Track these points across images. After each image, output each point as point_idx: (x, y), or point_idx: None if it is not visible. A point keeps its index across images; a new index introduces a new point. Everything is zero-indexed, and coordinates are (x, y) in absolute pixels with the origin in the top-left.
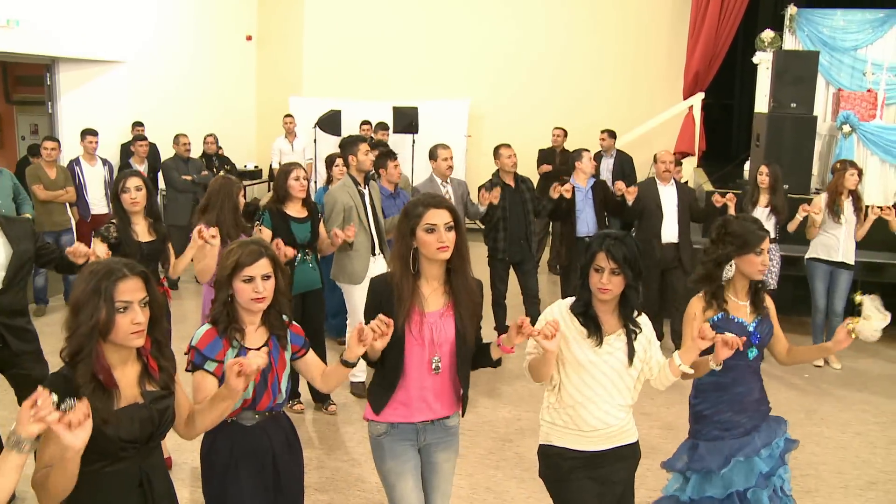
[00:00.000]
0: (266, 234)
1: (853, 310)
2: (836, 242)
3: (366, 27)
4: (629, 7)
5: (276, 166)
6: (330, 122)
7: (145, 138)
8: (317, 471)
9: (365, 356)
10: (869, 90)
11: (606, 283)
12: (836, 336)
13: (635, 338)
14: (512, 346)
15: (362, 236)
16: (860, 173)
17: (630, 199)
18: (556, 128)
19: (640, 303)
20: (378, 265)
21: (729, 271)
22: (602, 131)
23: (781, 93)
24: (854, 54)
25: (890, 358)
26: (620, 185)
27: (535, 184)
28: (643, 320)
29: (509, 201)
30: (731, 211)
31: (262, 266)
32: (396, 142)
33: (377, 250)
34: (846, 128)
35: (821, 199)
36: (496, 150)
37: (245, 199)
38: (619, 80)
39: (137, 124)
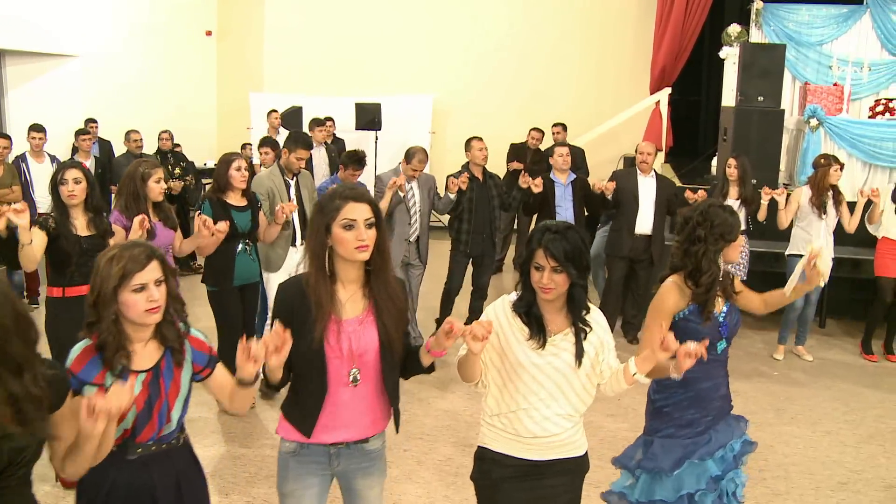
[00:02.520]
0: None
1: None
2: (817, 237)
3: (328, 21)
4: (595, 2)
5: (256, 162)
6: (292, 119)
7: (89, 132)
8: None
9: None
10: (835, 84)
11: (547, 281)
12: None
13: (585, 337)
14: (442, 350)
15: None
16: (841, 168)
17: (609, 194)
18: (534, 129)
19: (603, 294)
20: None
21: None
22: (554, 125)
23: (748, 86)
24: (819, 49)
25: (857, 351)
26: (598, 183)
27: (503, 179)
28: (595, 318)
29: (476, 194)
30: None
31: (153, 270)
32: (359, 139)
33: (298, 241)
34: (813, 122)
35: (799, 193)
36: (468, 142)
37: (184, 188)
38: (585, 75)
39: (90, 121)
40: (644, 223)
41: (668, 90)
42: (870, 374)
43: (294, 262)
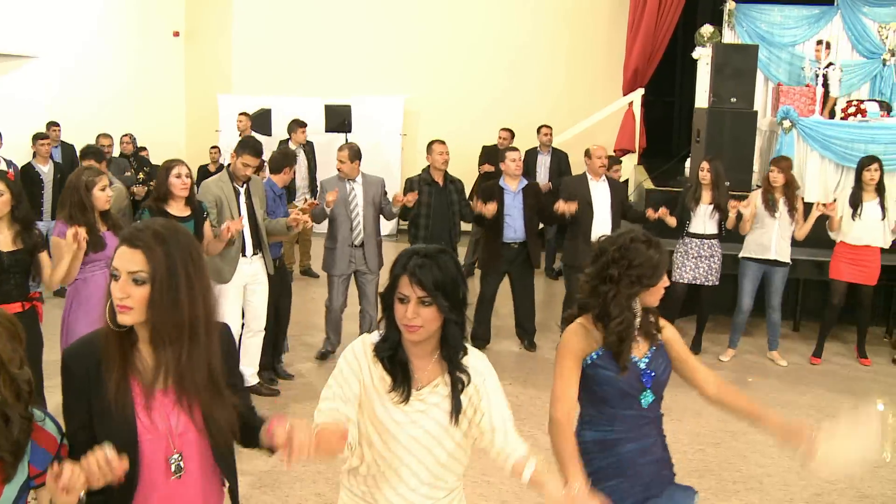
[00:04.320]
0: None
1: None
2: (769, 240)
3: (297, 21)
4: (567, 3)
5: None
6: (260, 121)
7: (48, 137)
8: None
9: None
10: (808, 85)
11: (413, 317)
12: (800, 431)
13: (462, 389)
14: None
15: None
16: (789, 167)
17: (569, 216)
18: (503, 129)
19: (563, 308)
20: (253, 267)
21: (636, 308)
22: (545, 126)
23: (721, 87)
24: (792, 50)
25: (834, 356)
26: (560, 205)
27: (474, 181)
28: (475, 365)
29: (435, 200)
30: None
31: None
32: (329, 141)
33: (249, 251)
34: (786, 123)
35: (756, 195)
36: (429, 145)
37: (147, 193)
38: (558, 76)
39: (52, 124)
40: (601, 229)
41: (641, 91)
42: (844, 379)
43: (245, 272)
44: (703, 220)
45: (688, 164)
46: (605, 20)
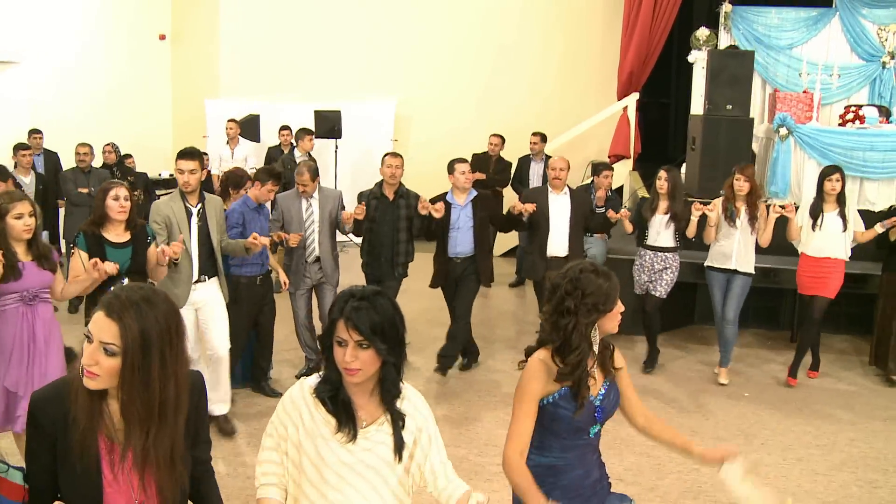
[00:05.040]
0: (83, 258)
1: None
2: (730, 250)
3: (286, 25)
4: (561, 6)
5: (215, 172)
6: (249, 127)
7: (29, 148)
8: None
9: None
10: (805, 91)
11: (351, 360)
12: (708, 452)
13: (403, 426)
14: None
15: (184, 259)
16: (753, 174)
17: (526, 216)
18: (493, 135)
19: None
20: (203, 293)
21: (595, 339)
22: (533, 134)
23: (717, 94)
24: (789, 53)
25: (832, 372)
26: (517, 204)
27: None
28: (415, 403)
29: (379, 215)
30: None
31: None
32: (319, 148)
33: (195, 275)
34: (783, 130)
35: (718, 204)
36: (383, 158)
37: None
38: (551, 79)
39: (35, 131)
40: (557, 245)
41: (636, 95)
42: (842, 395)
43: (194, 298)
44: (659, 230)
45: (683, 170)
46: (599, 23)
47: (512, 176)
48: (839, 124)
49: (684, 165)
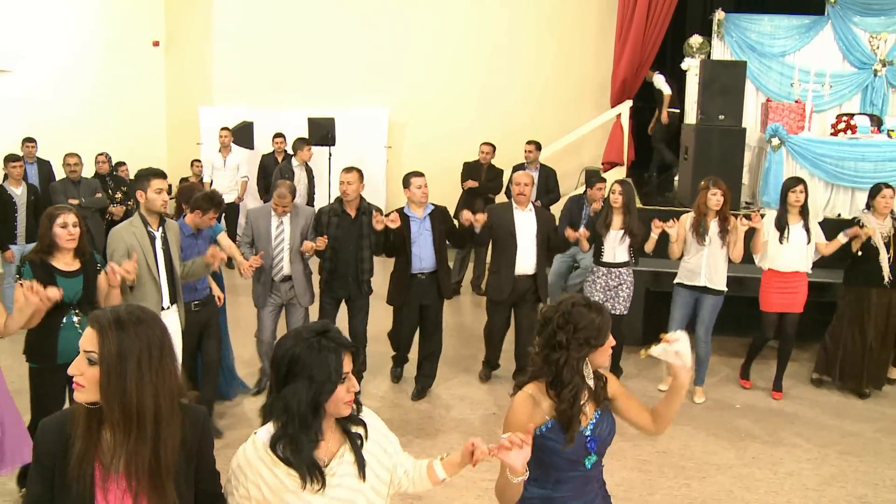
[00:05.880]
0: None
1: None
2: (699, 266)
3: (280, 32)
4: (553, 13)
5: (207, 180)
6: (242, 134)
7: (19, 159)
8: None
9: None
10: (797, 101)
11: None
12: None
13: (362, 445)
14: None
15: (150, 286)
16: (725, 193)
17: (478, 227)
18: (484, 143)
19: (485, 343)
20: (169, 319)
21: (587, 372)
22: (528, 142)
23: (709, 104)
24: (782, 60)
25: (824, 383)
26: (467, 214)
27: (457, 200)
28: (370, 420)
29: (342, 233)
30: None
31: None
32: (313, 155)
33: (167, 303)
34: (775, 141)
35: (686, 219)
36: (341, 173)
37: (126, 212)
38: (545, 87)
39: (28, 140)
40: (525, 262)
41: (629, 103)
42: (833, 406)
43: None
44: (613, 246)
45: (676, 179)
46: (593, 31)
47: (505, 184)
48: (831, 133)
49: (676, 175)
